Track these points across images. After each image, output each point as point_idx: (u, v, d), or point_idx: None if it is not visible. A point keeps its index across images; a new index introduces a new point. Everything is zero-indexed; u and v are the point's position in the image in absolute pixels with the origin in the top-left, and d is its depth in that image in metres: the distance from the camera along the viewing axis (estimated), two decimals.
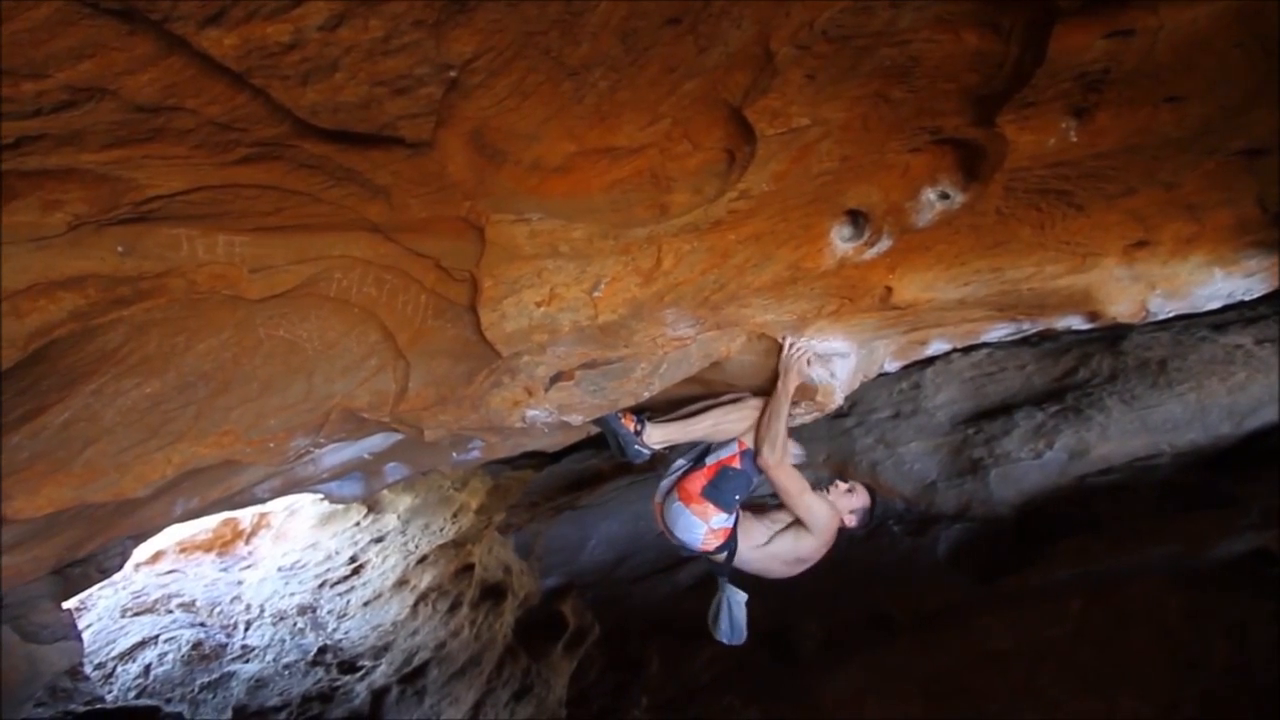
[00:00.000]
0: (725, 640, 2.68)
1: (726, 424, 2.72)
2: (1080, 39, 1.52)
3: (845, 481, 2.81)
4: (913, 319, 2.93)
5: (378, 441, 3.23)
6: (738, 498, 2.59)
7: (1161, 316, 3.22)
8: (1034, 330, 3.49)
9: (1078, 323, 3.27)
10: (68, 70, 1.13)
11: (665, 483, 2.72)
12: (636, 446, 2.73)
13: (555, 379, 2.37)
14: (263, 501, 3.78)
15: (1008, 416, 4.25)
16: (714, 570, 2.74)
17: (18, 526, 2.07)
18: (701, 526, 2.56)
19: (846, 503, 2.72)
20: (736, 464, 2.58)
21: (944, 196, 2.16)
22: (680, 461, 2.77)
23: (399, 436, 3.05)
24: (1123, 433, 3.81)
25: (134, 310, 1.59)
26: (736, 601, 2.66)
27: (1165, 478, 3.63)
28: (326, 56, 1.28)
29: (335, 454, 3.15)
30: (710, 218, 2.15)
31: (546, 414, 2.44)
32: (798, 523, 2.68)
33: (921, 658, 2.72)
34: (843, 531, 2.74)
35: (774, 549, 2.68)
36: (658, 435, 2.74)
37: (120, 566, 3.18)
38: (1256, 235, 2.96)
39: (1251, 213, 2.78)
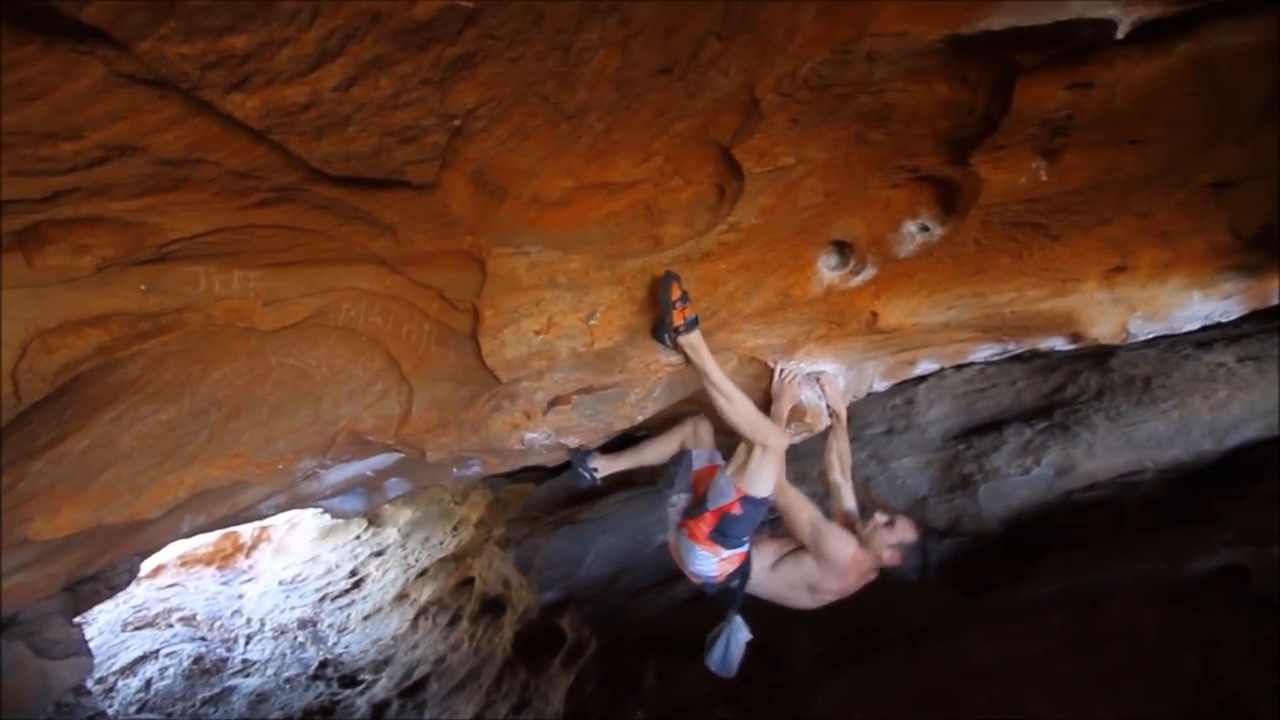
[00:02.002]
0: (714, 669, 2.60)
1: (664, 447, 2.87)
2: (1042, 90, 1.63)
3: (884, 514, 2.56)
4: (900, 341, 3.03)
5: (380, 459, 3.31)
6: (746, 539, 2.54)
7: (1142, 338, 3.31)
8: (1019, 350, 3.58)
9: (1061, 344, 3.37)
10: (102, 131, 1.22)
11: (672, 520, 2.70)
12: (580, 470, 2.86)
13: (553, 403, 2.46)
14: (266, 517, 3.85)
15: (997, 433, 4.34)
16: (726, 600, 2.63)
17: (35, 546, 2.14)
18: (714, 559, 2.53)
19: (883, 538, 2.48)
20: (737, 510, 2.48)
21: (924, 229, 2.26)
22: (675, 498, 2.75)
23: (401, 454, 3.13)
24: (1108, 449, 3.89)
25: (154, 343, 1.68)
26: (738, 639, 2.58)
27: (1149, 494, 3.71)
28: (340, 113, 1.38)
29: (339, 471, 3.22)
30: (701, 249, 2.25)
31: (545, 436, 2.52)
32: (801, 549, 2.58)
33: (909, 671, 2.79)
34: (885, 571, 2.54)
35: (782, 572, 2.58)
36: (604, 463, 2.90)
37: (128, 583, 3.25)
38: (1232, 259, 3.05)
39: (1225, 239, 2.88)
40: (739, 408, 2.39)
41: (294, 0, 1.11)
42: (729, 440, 3.35)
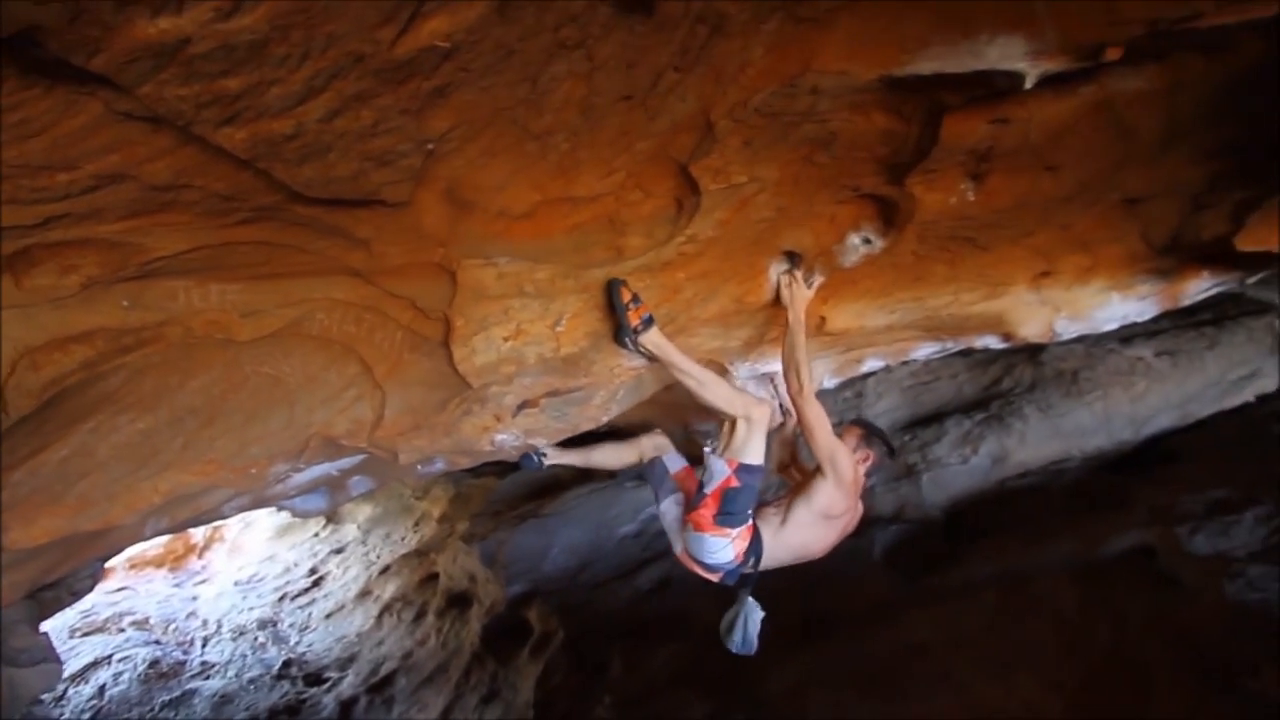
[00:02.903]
0: (735, 650, 2.63)
1: (617, 455, 2.91)
2: (966, 125, 1.81)
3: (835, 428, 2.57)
4: (847, 342, 3.23)
5: (346, 459, 3.35)
6: (750, 511, 2.54)
7: (1066, 337, 3.59)
8: (957, 348, 3.83)
9: (994, 342, 3.62)
10: (96, 162, 1.29)
11: (672, 528, 2.71)
12: (530, 453, 2.91)
13: (522, 406, 2.56)
14: (228, 517, 3.85)
15: (939, 424, 4.60)
16: (740, 584, 2.64)
17: (4, 555, 2.16)
18: (726, 543, 2.52)
19: (848, 447, 2.57)
20: (735, 483, 2.49)
21: (867, 241, 2.44)
22: (665, 507, 2.77)
23: (367, 454, 3.19)
24: (1039, 439, 4.20)
25: (135, 356, 1.73)
26: (754, 618, 2.63)
27: (1074, 480, 4.03)
28: (323, 142, 1.47)
29: (306, 472, 3.26)
30: (661, 259, 2.38)
31: (514, 438, 2.63)
32: (803, 487, 2.61)
33: (856, 651, 3.01)
34: (870, 473, 2.62)
35: (794, 521, 2.57)
36: (553, 453, 2.95)
37: (91, 588, 3.23)
38: (1147, 264, 3.34)
39: (1139, 247, 3.15)
40: (714, 388, 2.43)
41: (285, 46, 1.20)
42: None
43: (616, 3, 1.49)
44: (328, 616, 6.41)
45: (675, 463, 2.87)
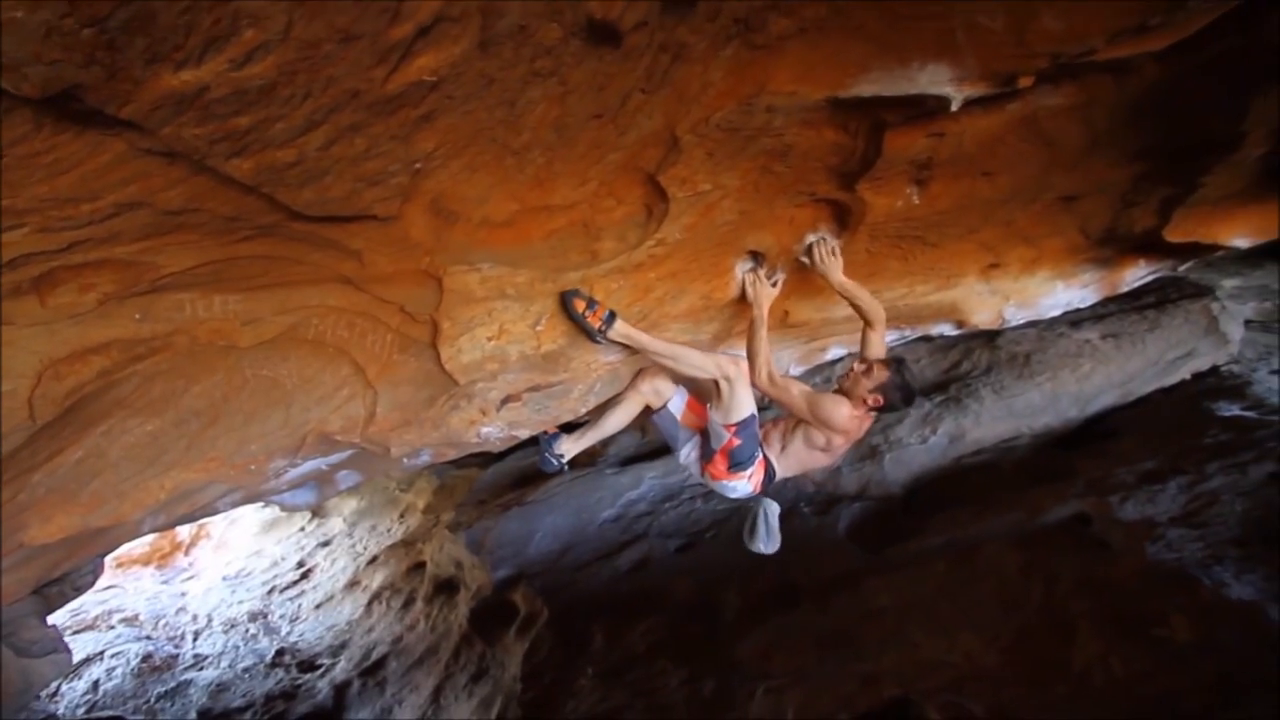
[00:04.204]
0: (763, 549, 2.82)
1: (625, 412, 2.95)
2: (906, 139, 2.00)
3: (861, 364, 2.68)
4: (810, 332, 3.43)
5: (337, 454, 3.49)
6: (757, 451, 2.77)
7: (1015, 323, 3.84)
8: (915, 336, 4.06)
9: (949, 329, 3.86)
10: (117, 193, 1.42)
11: (694, 469, 2.91)
12: (548, 456, 2.99)
13: (505, 401, 2.73)
14: (222, 512, 3.96)
15: None
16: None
17: (18, 551, 2.29)
18: (743, 481, 2.79)
19: (863, 386, 2.62)
20: (737, 442, 2.70)
21: (824, 241, 2.63)
22: (684, 453, 2.94)
23: (356, 449, 3.33)
24: (993, 418, 4.46)
25: (146, 364, 1.87)
26: (771, 511, 2.84)
27: (1023, 456, 4.31)
28: (320, 167, 1.61)
29: (300, 466, 3.39)
30: (633, 261, 2.55)
31: (499, 430, 2.80)
32: (801, 421, 2.76)
33: (818, 617, 3.25)
34: (879, 410, 2.70)
35: (794, 450, 2.80)
36: (569, 446, 3.01)
37: (93, 584, 3.34)
38: (1087, 255, 3.59)
39: (1077, 239, 3.39)
40: (686, 360, 2.63)
41: (290, 88, 1.34)
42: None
43: (587, 36, 1.65)
44: (317, 607, 6.53)
45: (679, 404, 2.95)
